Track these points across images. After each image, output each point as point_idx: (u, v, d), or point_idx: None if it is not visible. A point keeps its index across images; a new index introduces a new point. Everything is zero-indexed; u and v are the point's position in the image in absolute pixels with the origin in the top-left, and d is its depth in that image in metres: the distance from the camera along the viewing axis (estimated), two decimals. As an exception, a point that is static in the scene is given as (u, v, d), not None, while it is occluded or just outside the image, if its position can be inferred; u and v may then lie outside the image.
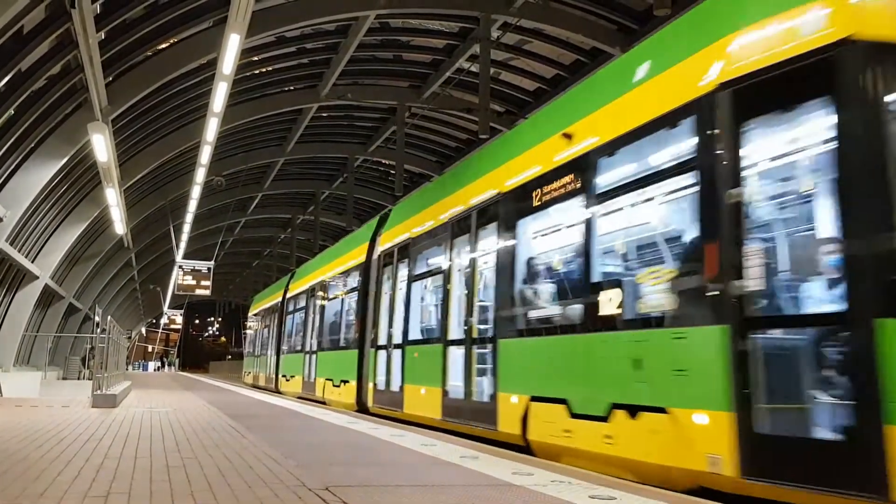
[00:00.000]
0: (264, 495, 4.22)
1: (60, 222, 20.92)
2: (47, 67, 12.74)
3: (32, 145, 15.29)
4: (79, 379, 25.22)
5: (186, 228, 27.83)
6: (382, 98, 22.40)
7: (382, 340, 12.66)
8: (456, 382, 9.53)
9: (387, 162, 28.29)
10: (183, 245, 31.08)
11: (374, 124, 25.92)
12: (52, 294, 25.13)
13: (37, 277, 20.74)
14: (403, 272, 12.08)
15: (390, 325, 12.30)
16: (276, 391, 22.14)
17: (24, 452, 5.92)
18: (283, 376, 21.92)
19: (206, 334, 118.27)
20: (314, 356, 18.13)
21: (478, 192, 9.49)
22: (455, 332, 9.86)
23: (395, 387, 11.79)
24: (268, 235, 43.85)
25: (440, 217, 10.71)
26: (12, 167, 15.25)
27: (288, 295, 23.12)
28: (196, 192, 22.03)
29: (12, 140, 14.02)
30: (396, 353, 11.90)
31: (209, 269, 32.58)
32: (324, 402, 15.98)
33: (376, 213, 23.46)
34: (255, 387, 26.16)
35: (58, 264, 21.91)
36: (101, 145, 14.20)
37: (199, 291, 32.74)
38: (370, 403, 13.03)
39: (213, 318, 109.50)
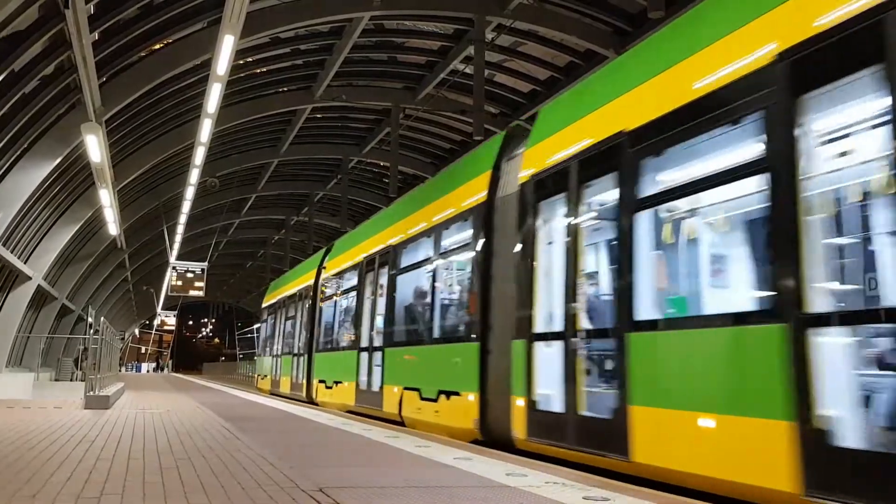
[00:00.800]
0: (258, 496, 4.21)
1: (53, 223, 20.88)
2: (40, 68, 12.72)
3: (25, 146, 15.27)
4: (71, 380, 25.22)
5: (180, 230, 27.79)
6: (377, 99, 22.42)
7: (545, 325, 7.39)
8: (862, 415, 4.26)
9: (381, 163, 28.30)
10: (176, 246, 31.04)
11: (368, 126, 25.93)
12: (44, 295, 25.07)
13: (29, 278, 20.69)
14: (604, 201, 6.81)
15: (572, 298, 6.86)
16: (309, 401, 17.18)
17: (17, 454, 5.89)
18: (322, 382, 16.58)
19: (200, 336, 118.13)
20: (379, 354, 12.50)
21: None
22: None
23: (595, 410, 6.49)
24: (262, 237, 43.82)
25: (746, 61, 5.05)
26: (5, 167, 15.22)
27: (326, 274, 17.57)
28: (190, 193, 22.00)
29: (5, 140, 13.99)
30: (597, 348, 6.77)
31: (203, 270, 32.50)
32: (399, 422, 10.99)
33: (370, 215, 22.80)
34: (275, 394, 20.99)
35: (51, 265, 21.87)
36: (95, 146, 14.17)
37: (192, 293, 32.67)
38: (519, 433, 7.58)
39: (206, 320, 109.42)
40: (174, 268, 32.03)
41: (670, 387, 5.60)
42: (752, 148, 5.11)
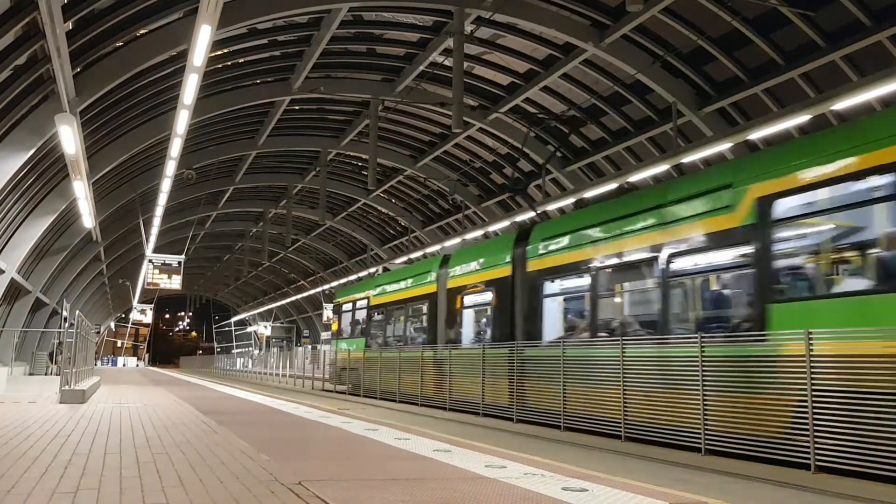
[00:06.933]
0: (236, 490, 4.18)
1: (27, 215, 20.58)
2: (13, 57, 12.50)
3: (-2, 137, 15.01)
4: (46, 374, 24.92)
5: (156, 222, 27.48)
6: (355, 91, 22.30)
7: None
8: None
9: (360, 156, 28.19)
10: (153, 239, 30.72)
11: (346, 118, 25.80)
12: (18, 288, 24.73)
13: (2, 271, 20.39)
14: None
15: None
16: None
17: (-9, 449, 5.81)
18: None
19: (177, 329, 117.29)
20: None
21: None
22: None
23: None
24: (239, 229, 43.52)
25: None
26: (-23, 159, 14.95)
27: None
28: (166, 185, 21.74)
29: (-23, 132, 13.77)
30: None
31: (179, 263, 32.23)
32: None
33: (349, 208, 22.75)
34: None
35: (24, 258, 21.56)
36: (69, 137, 13.96)
37: (169, 286, 32.39)
38: None
39: (183, 313, 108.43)
40: (150, 261, 31.73)
41: None
42: None
